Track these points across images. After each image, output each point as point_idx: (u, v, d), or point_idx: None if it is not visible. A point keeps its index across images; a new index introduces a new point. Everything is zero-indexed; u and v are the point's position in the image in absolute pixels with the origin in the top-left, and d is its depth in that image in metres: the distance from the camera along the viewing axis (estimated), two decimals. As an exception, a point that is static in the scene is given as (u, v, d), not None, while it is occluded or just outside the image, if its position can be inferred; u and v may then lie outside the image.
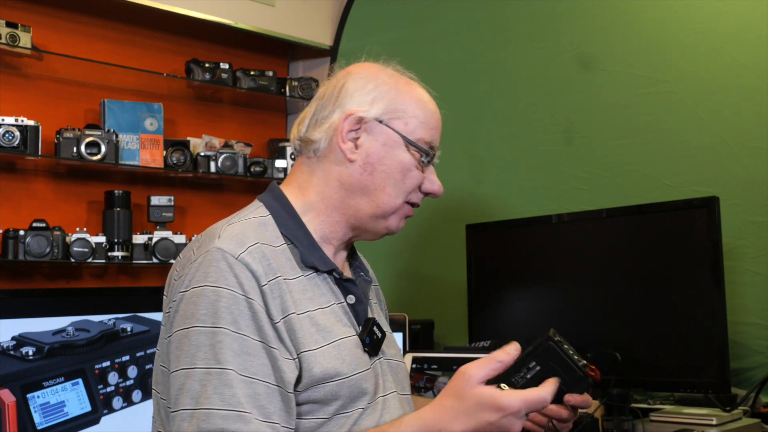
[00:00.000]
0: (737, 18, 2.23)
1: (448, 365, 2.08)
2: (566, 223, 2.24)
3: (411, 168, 1.36)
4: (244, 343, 1.18)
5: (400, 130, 1.36)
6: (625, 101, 2.42)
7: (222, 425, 1.14)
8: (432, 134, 1.39)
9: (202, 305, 1.20)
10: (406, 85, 1.40)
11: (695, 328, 1.93)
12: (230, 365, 1.16)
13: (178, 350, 1.20)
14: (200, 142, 3.04)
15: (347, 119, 1.35)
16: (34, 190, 2.74)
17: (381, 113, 1.36)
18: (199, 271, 1.23)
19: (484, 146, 2.77)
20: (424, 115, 1.38)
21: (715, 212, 1.92)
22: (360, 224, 1.38)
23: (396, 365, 1.45)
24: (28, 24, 2.58)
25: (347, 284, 1.38)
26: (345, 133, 1.35)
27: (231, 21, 3.07)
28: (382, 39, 3.04)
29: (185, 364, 1.18)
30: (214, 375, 1.16)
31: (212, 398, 1.15)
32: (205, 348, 1.18)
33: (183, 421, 1.16)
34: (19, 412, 2.27)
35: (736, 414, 1.90)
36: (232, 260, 1.22)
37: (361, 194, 1.36)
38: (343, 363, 1.27)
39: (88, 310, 2.47)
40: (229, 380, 1.16)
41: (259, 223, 1.32)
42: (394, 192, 1.36)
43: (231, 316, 1.19)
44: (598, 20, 2.51)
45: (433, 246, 2.87)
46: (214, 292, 1.20)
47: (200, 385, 1.16)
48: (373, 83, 1.38)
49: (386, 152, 1.36)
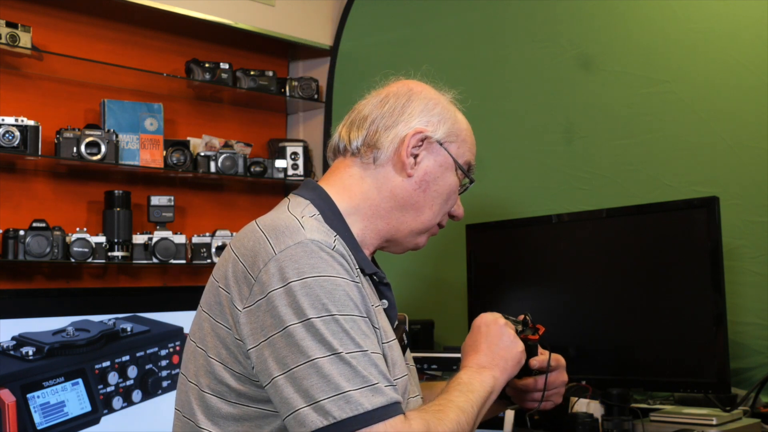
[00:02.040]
0: (737, 18, 2.23)
1: (448, 365, 2.08)
2: (566, 223, 2.24)
3: (455, 191, 1.45)
4: (367, 326, 1.21)
5: (453, 154, 1.43)
6: (625, 101, 2.42)
7: (376, 401, 1.14)
8: (473, 158, 1.48)
9: (317, 296, 1.17)
10: (457, 113, 1.49)
11: (695, 328, 1.93)
12: (367, 346, 1.18)
13: (302, 341, 1.15)
14: (200, 142, 3.04)
15: (415, 135, 1.40)
16: (34, 190, 2.74)
17: (443, 136, 1.42)
18: (299, 263, 1.19)
19: (484, 146, 2.74)
20: (471, 142, 1.48)
21: (715, 212, 1.92)
22: (397, 237, 1.43)
23: (413, 369, 1.47)
24: (28, 24, 2.59)
25: (383, 288, 1.39)
26: (411, 147, 1.39)
27: (231, 21, 3.07)
28: (382, 39, 3.05)
29: (325, 351, 1.14)
30: (356, 357, 1.15)
31: (371, 375, 1.15)
32: (337, 335, 1.16)
33: (348, 403, 1.12)
34: (19, 412, 2.27)
35: (736, 414, 1.90)
36: (329, 251, 1.22)
37: (410, 209, 1.41)
38: (395, 366, 1.29)
39: (88, 310, 2.47)
40: (372, 359, 1.17)
41: (317, 220, 1.32)
42: (439, 212, 1.44)
43: (351, 302, 1.20)
44: (598, 20, 2.51)
45: (433, 246, 2.87)
46: (326, 280, 1.18)
47: (349, 368, 1.14)
48: (440, 107, 1.45)
49: (441, 173, 1.42)
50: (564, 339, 2.15)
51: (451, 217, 1.49)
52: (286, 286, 1.17)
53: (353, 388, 1.13)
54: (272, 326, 1.17)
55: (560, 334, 2.19)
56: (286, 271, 1.18)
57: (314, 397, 1.13)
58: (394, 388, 1.17)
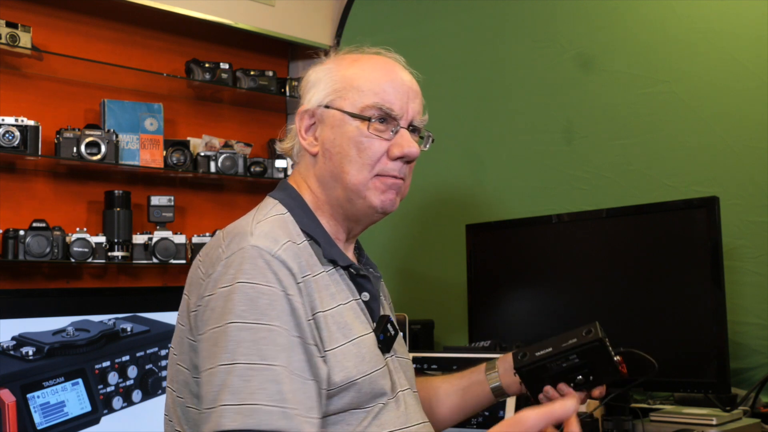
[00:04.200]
0: (737, 18, 2.23)
1: (448, 365, 2.08)
2: (566, 223, 2.24)
3: (361, 139, 1.34)
4: (288, 339, 1.18)
5: (343, 107, 1.36)
6: (625, 101, 2.42)
7: (267, 421, 1.12)
8: (383, 97, 1.35)
9: (241, 302, 1.18)
10: (351, 63, 1.40)
11: (695, 328, 1.93)
12: (275, 361, 1.16)
13: (214, 347, 1.18)
14: (200, 142, 3.04)
15: (300, 117, 1.40)
16: (34, 190, 2.74)
17: (323, 98, 1.38)
18: (234, 269, 1.21)
19: (484, 146, 2.77)
20: (370, 83, 1.36)
21: (715, 212, 1.92)
22: (347, 212, 1.38)
23: (406, 363, 1.46)
24: (28, 24, 2.58)
25: (362, 280, 1.38)
26: (303, 131, 1.39)
27: (231, 21, 3.07)
28: (382, 39, 3.02)
29: (225, 360, 1.16)
30: (257, 370, 1.15)
31: (257, 394, 1.13)
32: (246, 343, 1.16)
33: (223, 418, 1.13)
34: (19, 412, 2.27)
35: (736, 414, 1.90)
36: (269, 257, 1.21)
37: (333, 183, 1.36)
38: (363, 361, 1.28)
39: (88, 310, 2.47)
40: (275, 376, 1.15)
41: (282, 220, 1.33)
42: (355, 168, 1.34)
43: (274, 312, 1.19)
44: (598, 20, 2.51)
45: (433, 246, 2.87)
46: (253, 288, 1.19)
47: (243, 381, 1.14)
48: (323, 74, 1.41)
49: (335, 133, 1.36)
50: (564, 339, 2.15)
51: (398, 159, 1.35)
52: (219, 290, 1.21)
53: (230, 403, 1.14)
54: (203, 327, 1.22)
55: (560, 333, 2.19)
56: (224, 276, 1.22)
57: (213, 401, 1.15)
58: (281, 412, 1.13)
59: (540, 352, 1.46)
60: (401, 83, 1.38)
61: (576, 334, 1.44)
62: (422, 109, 1.42)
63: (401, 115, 1.37)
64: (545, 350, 1.45)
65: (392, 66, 1.41)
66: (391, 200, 1.37)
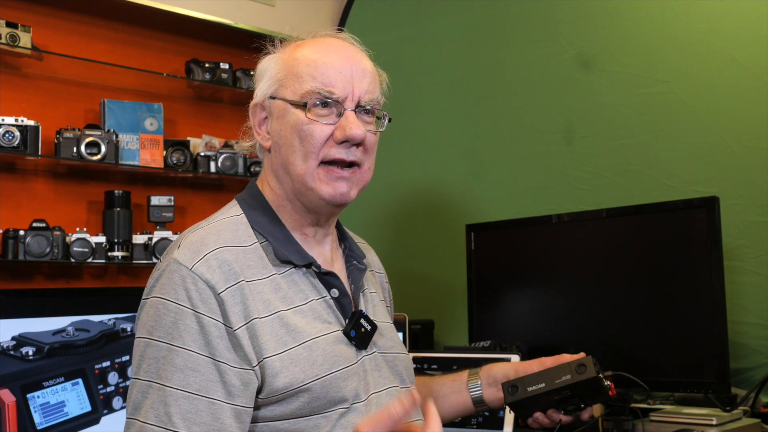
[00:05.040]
0: (737, 18, 2.23)
1: (448, 365, 2.08)
2: (566, 223, 2.24)
3: (302, 127, 1.29)
4: (189, 359, 1.17)
5: (285, 96, 1.31)
6: (625, 101, 2.42)
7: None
8: (321, 80, 1.29)
9: (152, 317, 1.21)
10: (294, 49, 1.35)
11: (695, 328, 1.93)
12: (169, 382, 1.16)
13: (133, 356, 1.23)
14: (200, 142, 3.04)
15: (253, 112, 1.38)
16: (34, 190, 2.74)
17: (268, 89, 1.34)
18: (154, 281, 1.24)
19: (484, 146, 2.77)
20: (308, 68, 1.30)
21: (715, 212, 1.92)
22: (304, 204, 1.33)
23: (393, 357, 1.40)
24: (28, 24, 2.58)
25: (328, 278, 1.33)
26: (257, 126, 1.38)
27: (231, 21, 3.07)
28: (382, 39, 3.04)
29: (133, 373, 1.21)
30: (154, 389, 1.17)
31: (148, 413, 1.16)
32: (149, 360, 1.18)
33: (128, 429, 1.19)
34: (19, 412, 2.27)
35: (736, 414, 1.90)
36: (186, 272, 1.20)
37: (285, 176, 1.33)
38: (314, 365, 1.23)
39: (88, 310, 2.47)
40: (165, 397, 1.16)
41: (228, 223, 1.31)
42: (299, 158, 1.29)
43: (176, 331, 1.18)
44: (598, 20, 2.51)
45: (433, 246, 2.87)
46: (163, 304, 1.20)
47: (141, 397, 1.18)
48: (262, 65, 1.37)
49: (281, 124, 1.32)
50: (564, 339, 2.15)
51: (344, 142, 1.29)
52: (142, 300, 1.26)
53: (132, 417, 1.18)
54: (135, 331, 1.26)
55: (560, 333, 2.19)
56: (149, 287, 1.25)
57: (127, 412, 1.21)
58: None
59: (532, 388, 1.44)
60: (343, 63, 1.31)
61: (569, 369, 1.42)
62: (373, 88, 1.33)
63: (344, 97, 1.29)
64: (537, 386, 1.43)
65: (335, 46, 1.33)
66: (342, 193, 1.30)
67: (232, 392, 1.18)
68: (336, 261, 1.41)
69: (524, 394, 1.44)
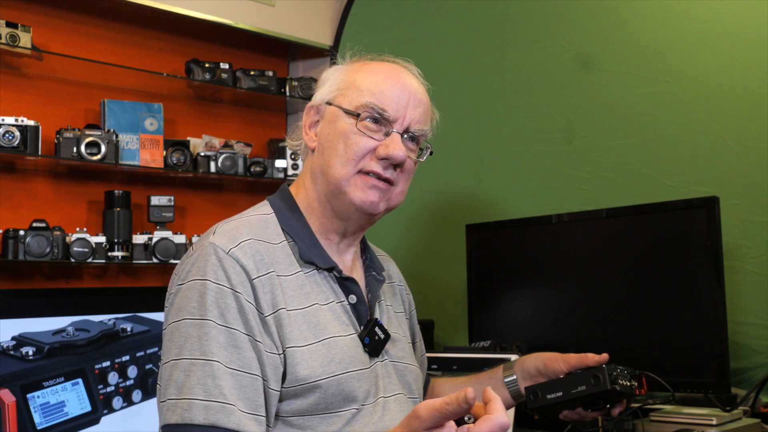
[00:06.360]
0: (737, 18, 2.23)
1: (448, 365, 2.08)
2: (566, 223, 2.24)
3: (349, 135, 1.35)
4: (231, 336, 1.21)
5: (341, 104, 1.38)
6: (625, 101, 2.42)
7: (204, 415, 1.16)
8: (379, 98, 1.36)
9: (193, 298, 1.23)
10: (360, 65, 1.43)
11: (695, 328, 1.93)
12: (215, 357, 1.19)
13: (169, 342, 1.24)
14: (200, 142, 3.04)
15: (307, 113, 1.43)
16: (34, 190, 2.74)
17: (326, 95, 1.41)
18: (191, 266, 1.26)
19: (484, 146, 2.77)
20: (370, 84, 1.37)
21: (715, 212, 1.92)
22: (334, 208, 1.38)
23: (404, 367, 1.45)
24: (28, 24, 2.58)
25: (348, 283, 1.39)
26: (308, 126, 1.43)
27: (231, 21, 3.07)
28: (382, 39, 3.04)
29: (174, 356, 1.21)
30: (198, 366, 1.18)
31: (195, 389, 1.17)
32: (192, 339, 1.20)
33: (168, 411, 1.19)
34: (19, 412, 2.27)
35: (736, 414, 1.90)
36: (223, 254, 1.25)
37: (321, 177, 1.38)
38: (332, 362, 1.28)
39: (88, 310, 2.47)
40: (214, 371, 1.18)
41: (259, 220, 1.36)
42: (339, 162, 1.35)
43: (218, 309, 1.22)
44: (598, 20, 2.51)
45: (433, 246, 2.87)
46: (202, 284, 1.23)
47: (185, 376, 1.19)
48: (327, 73, 1.45)
49: (330, 128, 1.38)
50: (564, 339, 2.15)
51: (383, 159, 1.34)
52: (177, 286, 1.28)
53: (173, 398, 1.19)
54: (165, 322, 1.29)
55: (560, 333, 2.19)
56: (184, 273, 1.28)
57: (163, 395, 1.22)
58: (220, 407, 1.16)
59: (551, 395, 1.49)
60: (402, 89, 1.38)
61: (584, 379, 1.48)
62: (424, 120, 1.41)
63: (395, 118, 1.36)
64: (555, 394, 1.49)
65: (398, 72, 1.41)
66: (372, 201, 1.35)
67: (267, 373, 1.23)
68: (356, 270, 1.45)
69: (544, 401, 1.50)
